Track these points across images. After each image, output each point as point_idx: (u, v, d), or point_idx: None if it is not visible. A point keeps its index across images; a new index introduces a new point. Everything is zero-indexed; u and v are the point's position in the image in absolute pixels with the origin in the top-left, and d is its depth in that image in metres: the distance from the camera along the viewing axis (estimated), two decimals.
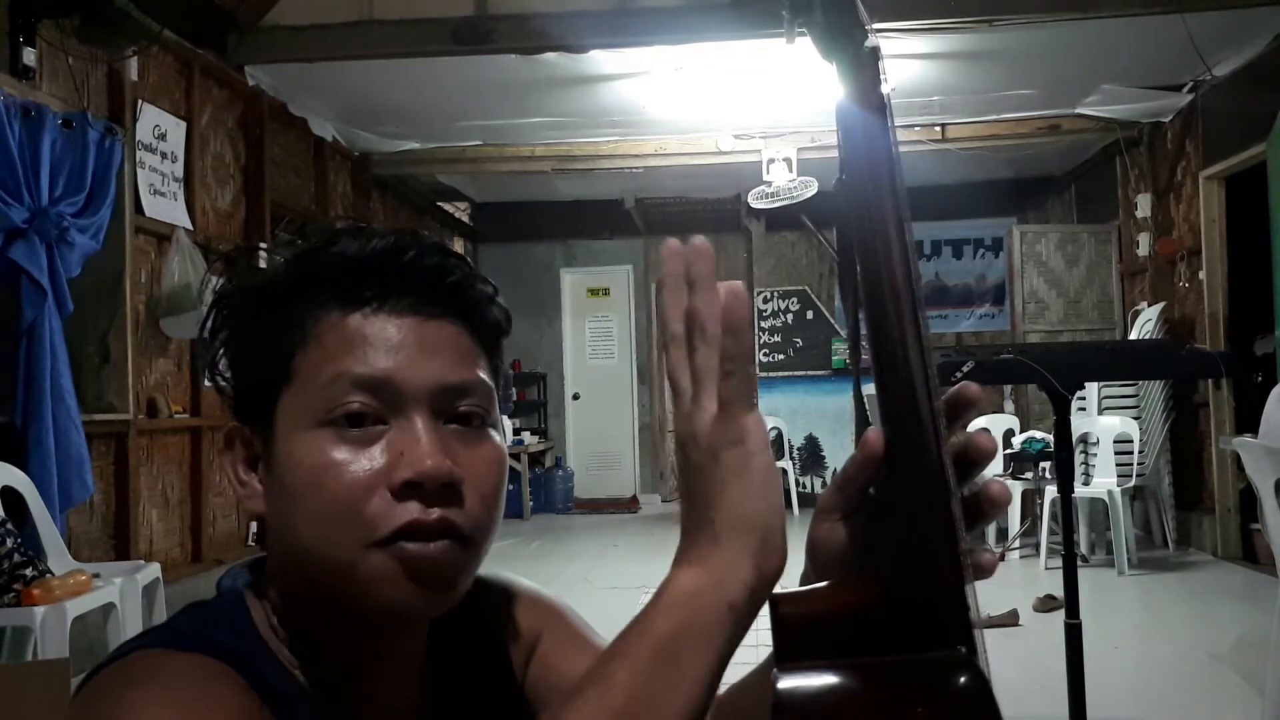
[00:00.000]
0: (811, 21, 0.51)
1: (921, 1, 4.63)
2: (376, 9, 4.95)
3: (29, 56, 3.74)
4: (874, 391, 0.52)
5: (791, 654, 0.51)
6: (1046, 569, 5.39)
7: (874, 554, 0.55)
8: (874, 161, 0.52)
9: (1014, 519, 5.97)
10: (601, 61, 5.33)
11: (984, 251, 8.81)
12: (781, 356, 8.88)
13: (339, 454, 0.62)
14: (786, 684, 0.48)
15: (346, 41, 4.98)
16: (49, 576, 3.03)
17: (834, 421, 8.67)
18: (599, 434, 9.40)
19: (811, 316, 8.89)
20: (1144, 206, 6.56)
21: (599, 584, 5.46)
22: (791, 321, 8.91)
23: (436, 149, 6.98)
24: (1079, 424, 5.63)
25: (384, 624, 0.64)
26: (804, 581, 0.57)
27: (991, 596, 4.32)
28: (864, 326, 0.52)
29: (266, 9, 4.91)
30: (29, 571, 2.98)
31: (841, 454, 8.62)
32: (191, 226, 4.81)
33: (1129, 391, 6.15)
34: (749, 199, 7.06)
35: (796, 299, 8.92)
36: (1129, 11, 4.70)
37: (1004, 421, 6.80)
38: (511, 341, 0.74)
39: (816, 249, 8.96)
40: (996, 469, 5.83)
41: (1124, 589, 5.15)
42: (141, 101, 4.49)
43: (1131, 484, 5.68)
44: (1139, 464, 5.75)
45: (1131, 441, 5.68)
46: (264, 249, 0.71)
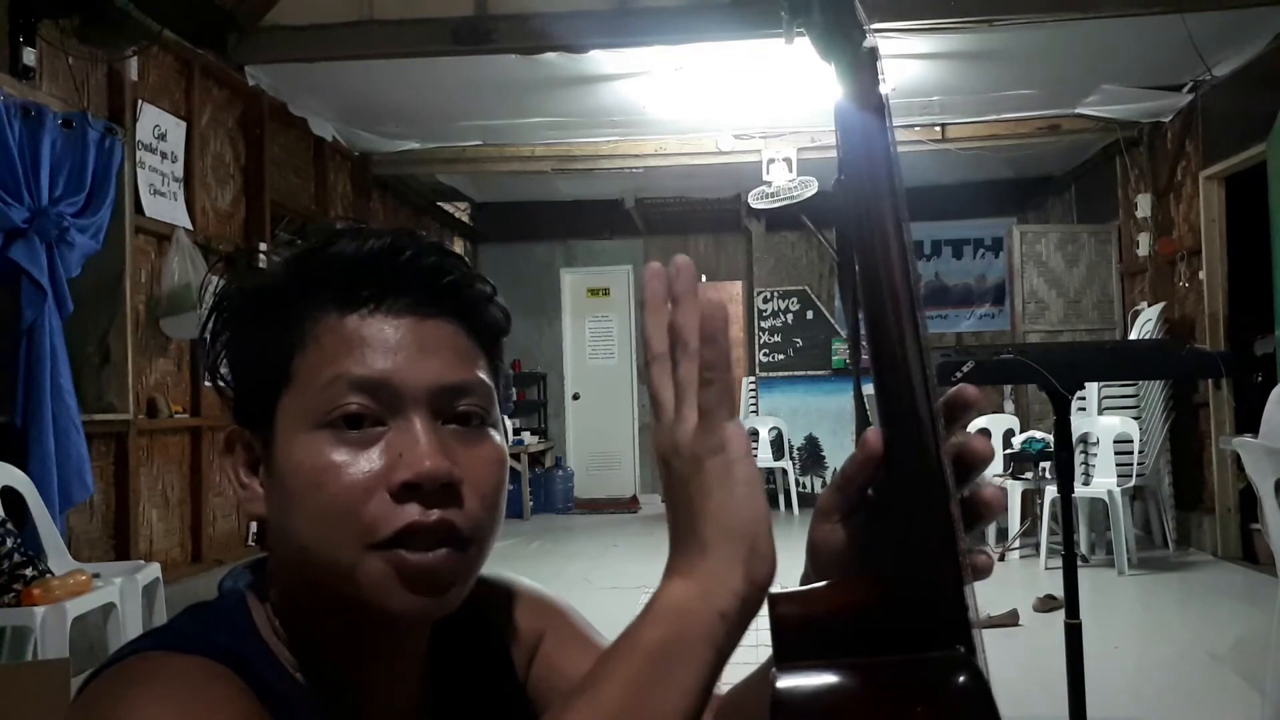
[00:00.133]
0: (810, 22, 0.51)
1: (921, 1, 4.63)
2: (376, 9, 4.95)
3: (29, 56, 3.74)
4: (873, 391, 0.52)
5: (790, 654, 0.50)
6: (1046, 569, 5.39)
7: (873, 554, 0.55)
8: (872, 162, 0.52)
9: (1014, 519, 5.96)
10: (601, 61, 5.33)
11: (984, 251, 8.81)
12: (781, 356, 8.88)
13: (338, 456, 0.61)
14: (785, 683, 0.48)
15: (346, 41, 4.98)
16: (49, 576, 3.03)
17: (834, 421, 8.67)
18: (599, 434, 9.40)
19: (811, 316, 8.89)
20: (1144, 206, 6.56)
21: (599, 584, 5.46)
22: (791, 321, 8.91)
23: (436, 149, 6.98)
24: (1079, 424, 5.63)
25: (384, 625, 0.64)
26: (804, 581, 0.57)
27: (991, 596, 4.32)
28: (863, 327, 0.52)
29: (266, 9, 4.91)
30: (29, 571, 2.98)
31: (841, 454, 8.61)
32: (191, 226, 4.81)
33: (1129, 391, 6.15)
34: (749, 199, 7.05)
35: (796, 299, 8.92)
36: (1129, 11, 4.70)
37: (1004, 421, 6.81)
38: (511, 341, 0.74)
39: (816, 249, 8.96)
40: (996, 469, 5.83)
41: (1124, 589, 5.15)
42: (141, 101, 4.49)
43: (1131, 484, 5.68)
44: (1139, 464, 5.75)
45: (1131, 441, 5.68)
46: (263, 250, 0.71)
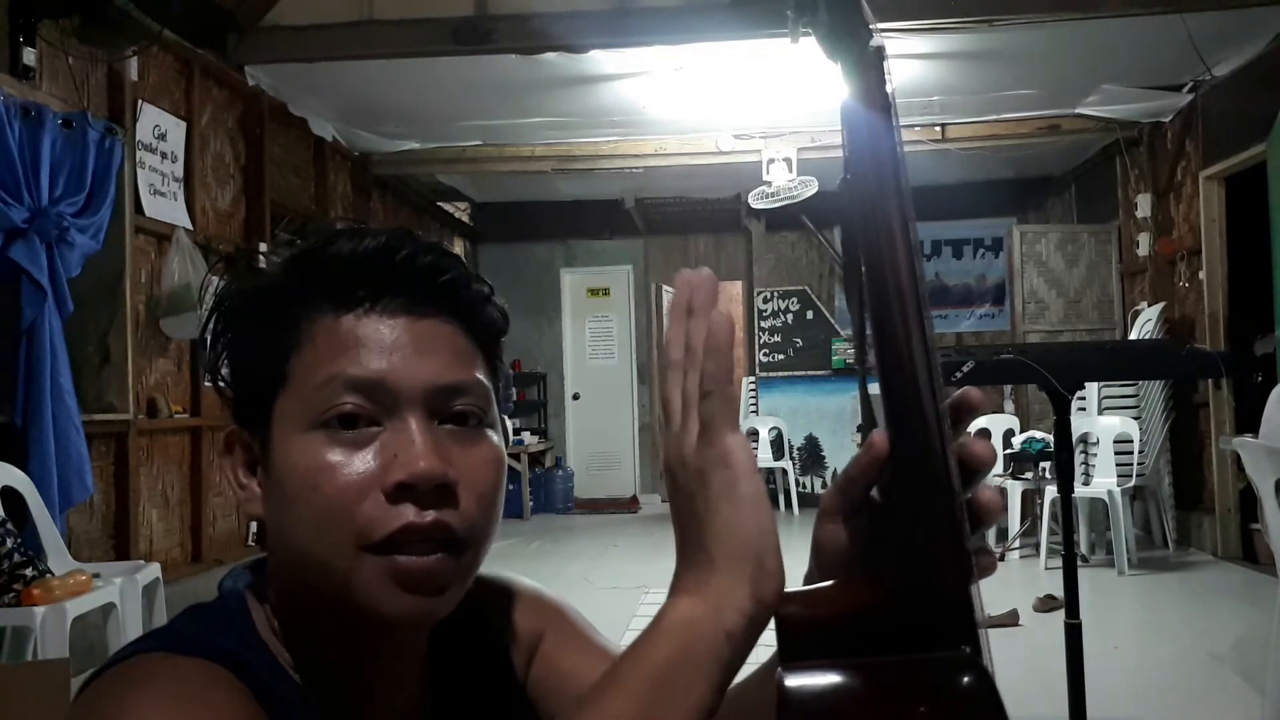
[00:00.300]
0: (816, 21, 0.51)
1: (921, 1, 4.63)
2: (376, 9, 4.95)
3: (29, 56, 3.74)
4: (879, 391, 0.52)
5: (795, 653, 0.50)
6: (1046, 569, 5.39)
7: (878, 554, 0.54)
8: (879, 161, 0.51)
9: (1014, 519, 5.96)
10: (601, 61, 5.32)
11: (984, 251, 8.81)
12: (781, 356, 8.88)
13: (333, 456, 0.61)
14: (793, 683, 0.48)
15: (346, 41, 4.98)
16: (49, 576, 3.03)
17: (834, 421, 8.67)
18: (599, 434, 9.39)
19: (811, 316, 8.89)
20: (1144, 206, 6.56)
21: (599, 584, 5.46)
22: (791, 321, 8.90)
23: (436, 149, 6.98)
24: (1079, 424, 5.63)
25: (382, 627, 0.64)
26: (808, 581, 0.57)
27: (991, 596, 4.31)
28: (869, 327, 0.51)
29: (266, 9, 4.91)
30: (29, 571, 2.98)
31: (842, 454, 8.61)
32: (191, 226, 4.81)
33: (1129, 391, 6.15)
34: (749, 199, 7.06)
35: (796, 299, 8.92)
36: (1129, 11, 4.70)
37: (1004, 421, 6.81)
38: (511, 341, 0.73)
39: (816, 249, 8.96)
40: (996, 469, 5.83)
41: (1124, 589, 5.15)
42: (141, 101, 4.49)
43: (1131, 484, 5.68)
44: (1139, 464, 5.75)
45: (1131, 441, 5.68)
46: (263, 250, 0.71)
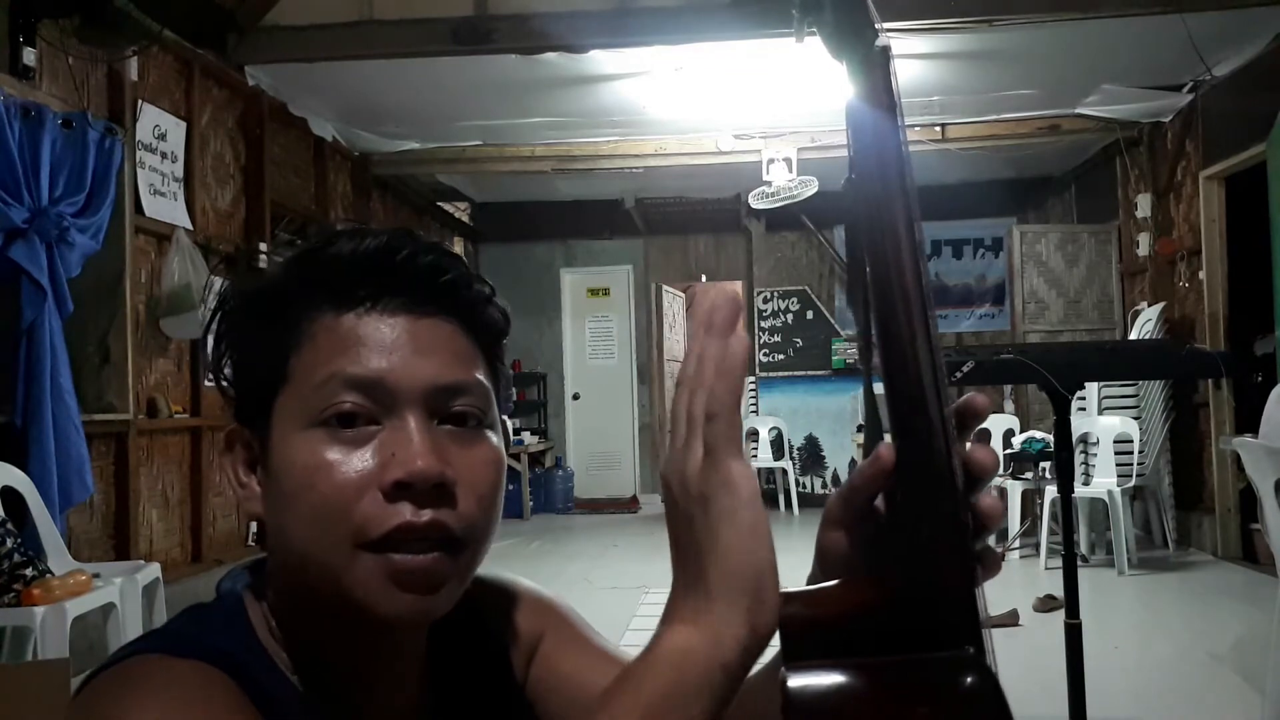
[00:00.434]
0: (821, 20, 0.51)
1: (921, 1, 4.63)
2: (376, 9, 4.95)
3: (29, 56, 3.74)
4: (883, 392, 0.52)
5: (798, 653, 0.50)
6: (1046, 569, 5.39)
7: (881, 555, 0.54)
8: (884, 161, 0.51)
9: (1014, 519, 5.96)
10: (601, 61, 5.32)
11: (984, 251, 8.80)
12: (781, 356, 8.88)
13: (331, 454, 0.61)
14: (797, 683, 0.48)
15: (346, 41, 4.97)
16: (49, 576, 3.03)
17: (834, 421, 8.67)
18: (599, 434, 9.39)
19: (811, 316, 8.89)
20: (1144, 206, 6.56)
21: (599, 584, 5.46)
22: (791, 321, 8.91)
23: (436, 149, 6.97)
24: (1079, 424, 5.63)
25: (380, 626, 0.64)
26: (810, 583, 0.57)
27: (991, 596, 4.29)
28: (873, 327, 0.51)
29: (266, 9, 4.91)
30: (29, 571, 2.98)
31: (841, 454, 8.61)
32: (191, 226, 4.81)
33: (1129, 391, 6.15)
34: (749, 199, 7.05)
35: (796, 299, 8.92)
36: (1129, 11, 4.71)
37: (1004, 421, 6.80)
38: (511, 341, 0.73)
39: (816, 249, 8.96)
40: (999, 466, 5.82)
41: (1124, 589, 5.15)
42: (141, 101, 4.48)
43: (1131, 484, 5.68)
44: (1139, 464, 5.75)
45: (1131, 441, 5.68)
46: (264, 250, 0.71)
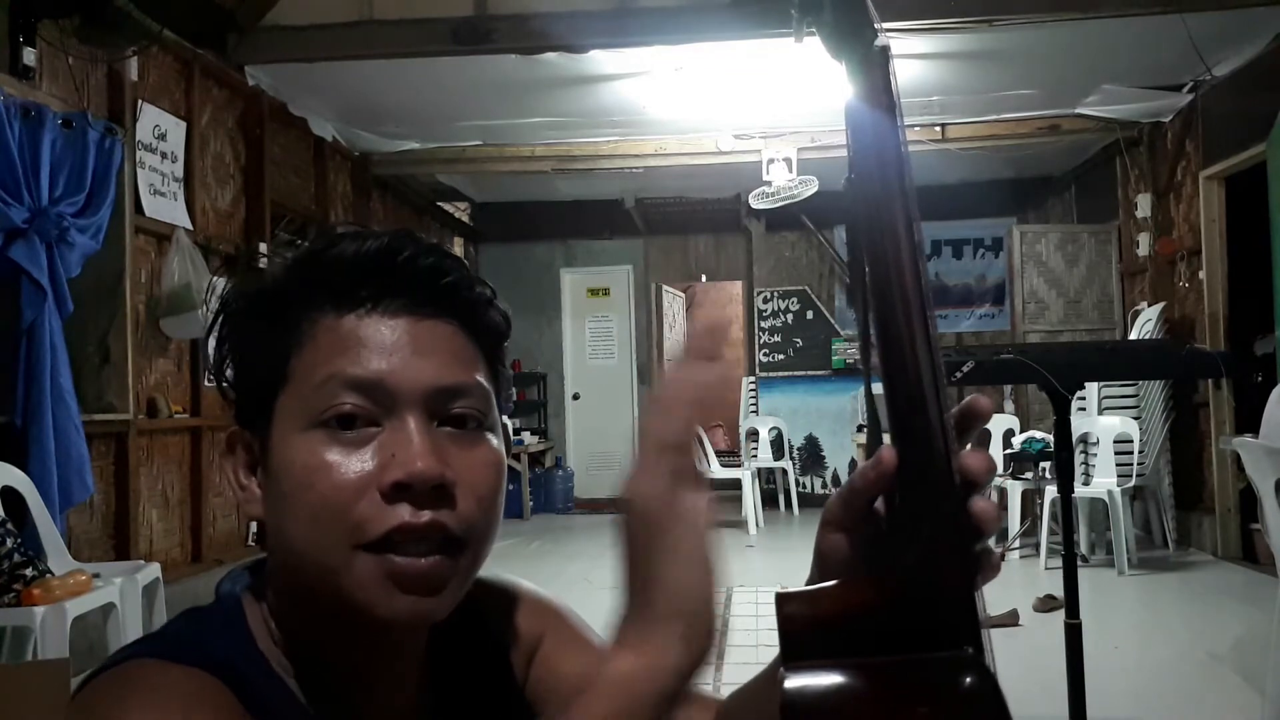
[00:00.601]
0: (821, 20, 0.51)
1: (922, 1, 4.63)
2: (376, 9, 4.95)
3: (29, 56, 3.73)
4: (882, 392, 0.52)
5: (797, 653, 0.50)
6: (1046, 569, 5.39)
7: (881, 556, 0.54)
8: (883, 161, 0.51)
9: (1014, 519, 5.96)
10: (601, 61, 5.32)
11: (984, 251, 8.80)
12: (781, 356, 8.88)
13: (330, 455, 0.61)
14: (794, 683, 0.48)
15: (346, 41, 4.97)
16: (49, 576, 3.03)
17: (834, 421, 8.67)
18: (599, 434, 9.38)
19: (811, 316, 8.89)
20: (1144, 206, 6.56)
21: (599, 584, 5.45)
22: (791, 321, 8.90)
23: (436, 149, 6.97)
24: (1079, 424, 5.63)
25: (379, 627, 0.64)
26: (810, 584, 0.57)
27: (991, 596, 4.29)
28: (873, 327, 0.51)
29: (266, 9, 4.91)
30: (29, 571, 2.98)
31: (841, 454, 8.61)
32: (191, 226, 4.81)
33: (1129, 391, 6.15)
34: (749, 199, 7.05)
35: (796, 299, 8.92)
36: (1129, 11, 4.70)
37: (1004, 421, 6.80)
38: (511, 341, 0.73)
39: (816, 249, 8.96)
40: (996, 469, 5.82)
41: (1124, 589, 5.14)
42: (141, 101, 4.48)
43: (1131, 484, 5.68)
44: (1139, 464, 5.74)
45: (1131, 441, 5.68)
46: (264, 252, 0.71)
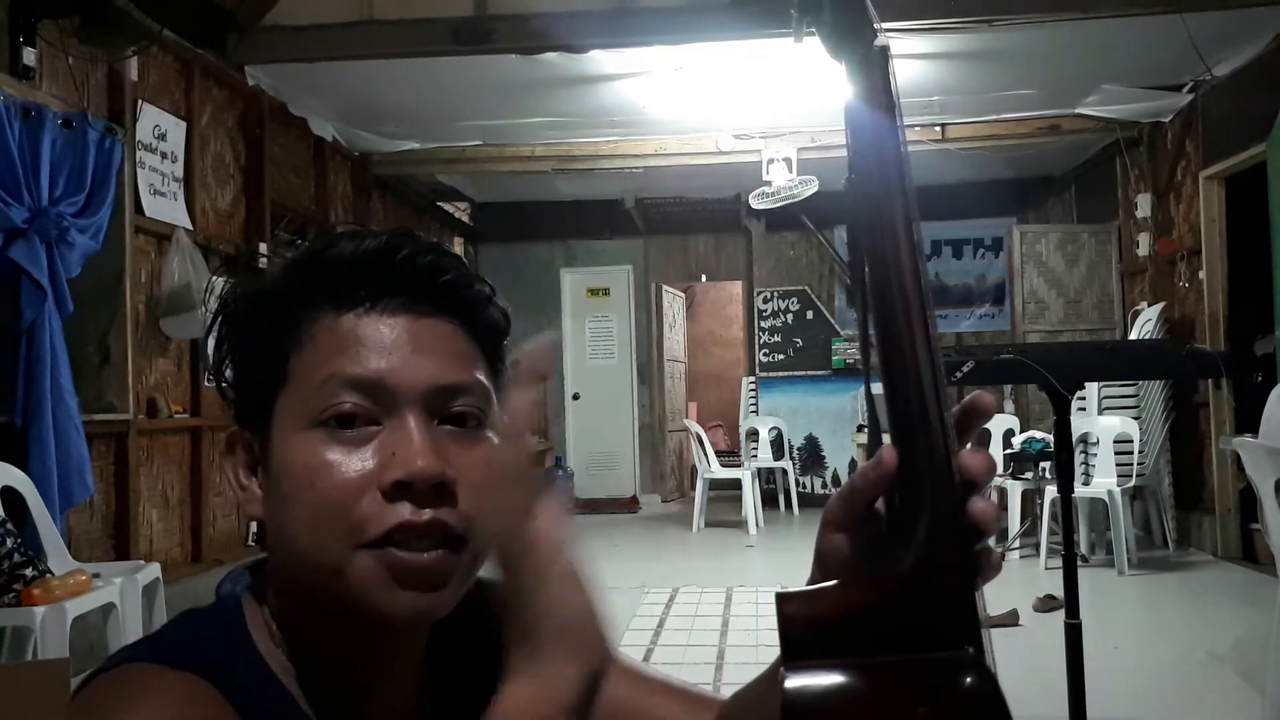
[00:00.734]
0: (820, 20, 0.51)
1: (922, 1, 4.63)
2: (376, 9, 4.95)
3: (29, 56, 3.73)
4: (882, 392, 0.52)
5: (798, 653, 0.50)
6: (1046, 569, 5.38)
7: (881, 556, 0.54)
8: (883, 161, 0.51)
9: (1014, 519, 5.96)
10: (601, 61, 5.32)
11: (984, 251, 8.80)
12: (781, 356, 8.88)
13: (331, 454, 0.61)
14: (795, 683, 0.48)
15: (346, 41, 4.97)
16: (49, 576, 3.03)
17: (834, 421, 8.67)
18: (599, 434, 9.39)
19: (811, 316, 8.89)
20: (1144, 206, 6.55)
21: (599, 584, 5.45)
22: (791, 321, 8.90)
23: (436, 149, 6.97)
24: (1079, 424, 5.63)
25: (380, 627, 0.64)
26: (811, 584, 0.57)
27: (991, 596, 4.29)
28: (873, 327, 0.51)
29: (266, 9, 4.91)
30: (29, 571, 2.98)
31: (842, 454, 8.61)
32: (191, 226, 4.81)
33: (1129, 391, 6.15)
34: (749, 199, 7.05)
35: (796, 299, 8.92)
36: (1129, 11, 4.70)
37: (1004, 421, 6.80)
38: (511, 341, 0.73)
39: (816, 249, 8.96)
40: (996, 469, 5.82)
41: (1124, 589, 5.14)
42: (141, 101, 4.48)
43: (1131, 484, 5.68)
44: (1139, 464, 5.74)
45: (1131, 441, 5.68)
46: (264, 252, 0.71)
